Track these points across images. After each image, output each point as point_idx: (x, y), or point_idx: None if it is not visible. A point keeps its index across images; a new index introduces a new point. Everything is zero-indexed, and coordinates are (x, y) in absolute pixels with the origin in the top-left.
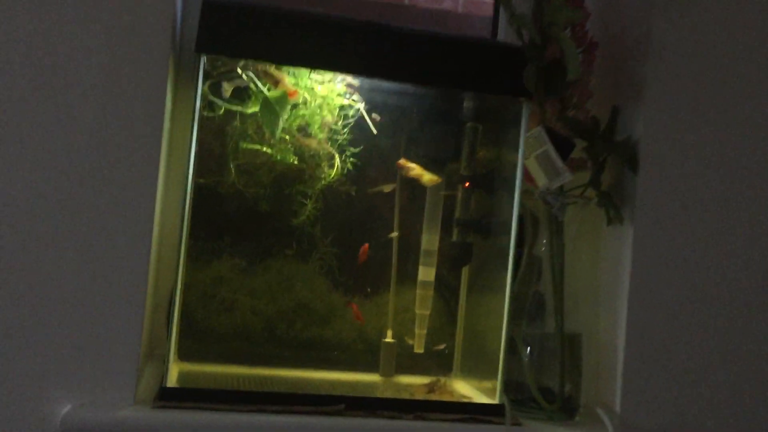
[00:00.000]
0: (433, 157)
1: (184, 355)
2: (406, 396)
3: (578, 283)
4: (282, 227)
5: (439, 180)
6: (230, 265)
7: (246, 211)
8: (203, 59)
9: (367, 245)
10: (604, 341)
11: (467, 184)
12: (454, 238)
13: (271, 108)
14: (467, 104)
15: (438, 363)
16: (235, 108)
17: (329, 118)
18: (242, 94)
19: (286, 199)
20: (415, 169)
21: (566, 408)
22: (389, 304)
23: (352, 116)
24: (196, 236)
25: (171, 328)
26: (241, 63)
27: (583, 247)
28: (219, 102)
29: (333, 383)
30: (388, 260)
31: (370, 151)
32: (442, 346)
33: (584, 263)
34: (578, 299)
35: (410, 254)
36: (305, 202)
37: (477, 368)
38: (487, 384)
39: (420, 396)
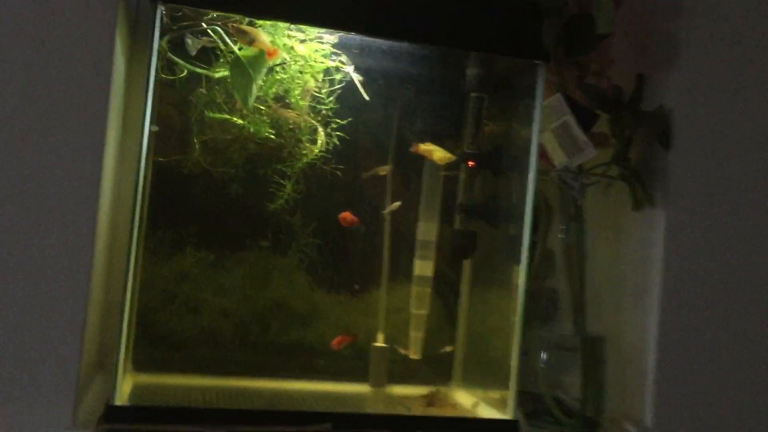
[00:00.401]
0: (432, 131)
1: (140, 366)
2: (401, 411)
3: (600, 277)
4: (256, 214)
5: (453, 158)
6: (195, 259)
7: (214, 195)
8: (160, 10)
9: (348, 214)
10: (630, 345)
11: (472, 164)
12: (456, 225)
13: (244, 70)
14: (472, 70)
15: (435, 370)
16: (200, 70)
17: (311, 84)
18: (209, 55)
19: (260, 181)
20: (425, 147)
21: (587, 423)
22: (380, 303)
23: (339, 82)
24: (155, 225)
25: (121, 334)
26: (208, 16)
27: (604, 236)
28: (181, 63)
29: (316, 396)
30: (379, 252)
31: (361, 123)
32: (449, 349)
33: (605, 254)
34: (600, 297)
35: (404, 246)
36: (283, 183)
37: (482, 376)
38: (495, 394)
39: (418, 410)
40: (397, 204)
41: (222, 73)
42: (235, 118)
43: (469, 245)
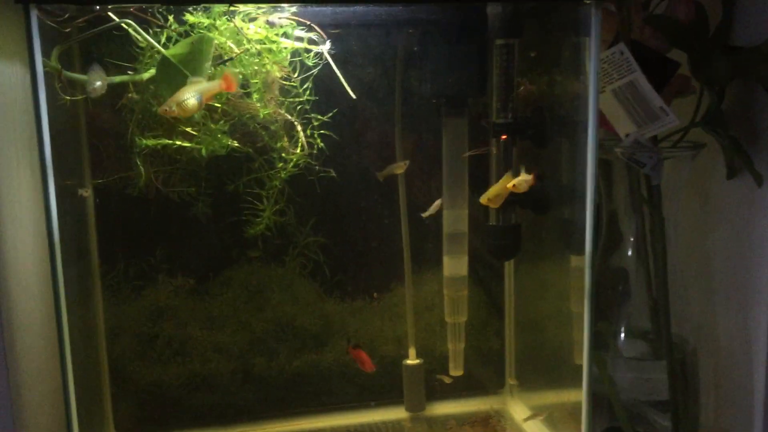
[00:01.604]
0: (447, 96)
1: (124, 429)
2: None
3: (684, 268)
4: (235, 222)
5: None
6: (171, 288)
7: (176, 213)
8: (34, 15)
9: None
10: (727, 351)
11: (504, 137)
12: (492, 219)
13: (176, 73)
14: (493, 9)
15: (484, 378)
16: (117, 79)
17: (275, 73)
18: (127, 49)
19: (231, 200)
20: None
21: None
22: (406, 310)
23: (315, 65)
24: (110, 257)
25: (69, 408)
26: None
27: (688, 215)
28: (77, 78)
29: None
30: (398, 248)
31: (354, 108)
32: (541, 416)
33: (687, 239)
34: (684, 292)
35: (429, 240)
36: (258, 205)
37: (541, 385)
38: (560, 412)
39: None
40: (438, 203)
41: (151, 72)
42: (177, 141)
43: (511, 243)
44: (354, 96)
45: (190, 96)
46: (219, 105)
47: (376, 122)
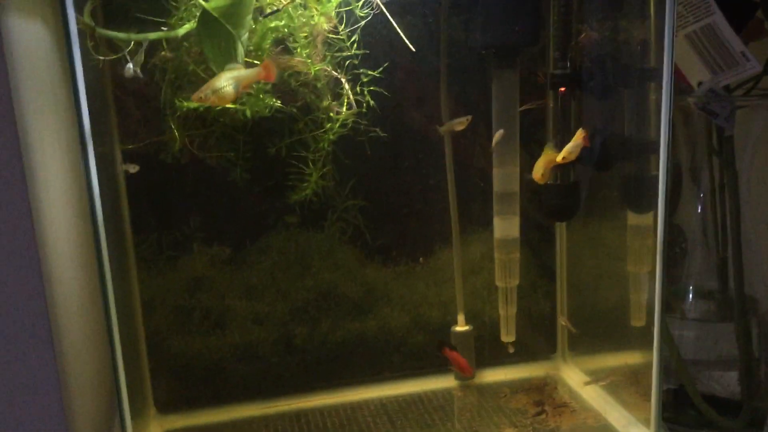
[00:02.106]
0: (498, 44)
1: (165, 406)
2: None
3: (755, 226)
4: (273, 186)
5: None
6: (207, 257)
7: (212, 181)
8: None
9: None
10: None
11: (563, 89)
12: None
13: (218, 28)
14: None
15: (533, 341)
16: (152, 36)
17: (323, 25)
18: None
19: (272, 165)
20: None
21: (752, 422)
22: (455, 275)
23: (364, 16)
24: (144, 227)
25: (118, 382)
26: None
27: (757, 171)
28: (118, 36)
29: (395, 404)
30: (444, 210)
31: (401, 62)
32: (604, 381)
33: (760, 194)
34: (758, 251)
35: (477, 200)
36: (304, 168)
37: (596, 349)
38: (617, 375)
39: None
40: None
41: (188, 27)
42: (211, 102)
43: (571, 203)
44: (413, 49)
45: (226, 84)
46: (258, 62)
47: (423, 76)
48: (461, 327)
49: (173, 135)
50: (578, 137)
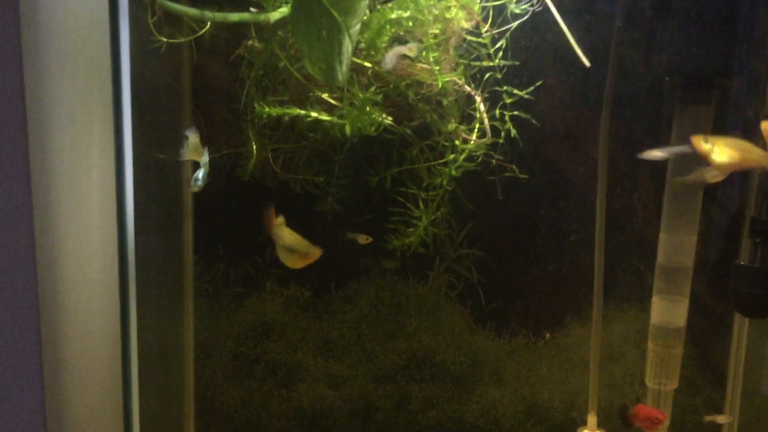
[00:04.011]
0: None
1: None
2: None
3: None
4: (370, 226)
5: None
6: (282, 300)
7: (296, 205)
8: None
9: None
10: None
11: None
12: (743, 257)
13: (323, 13)
14: None
15: None
16: (233, 17)
17: (461, 23)
18: None
19: (372, 195)
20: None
21: None
22: (590, 361)
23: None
24: (206, 255)
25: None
26: None
27: None
28: (187, 12)
29: None
30: (585, 274)
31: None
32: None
33: None
34: None
35: (631, 269)
36: (413, 212)
37: None
38: None
39: None
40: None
41: (284, 11)
42: (312, 113)
43: None
44: (587, 63)
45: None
46: (369, 65)
47: (591, 102)
48: (590, 430)
49: (251, 147)
50: None
